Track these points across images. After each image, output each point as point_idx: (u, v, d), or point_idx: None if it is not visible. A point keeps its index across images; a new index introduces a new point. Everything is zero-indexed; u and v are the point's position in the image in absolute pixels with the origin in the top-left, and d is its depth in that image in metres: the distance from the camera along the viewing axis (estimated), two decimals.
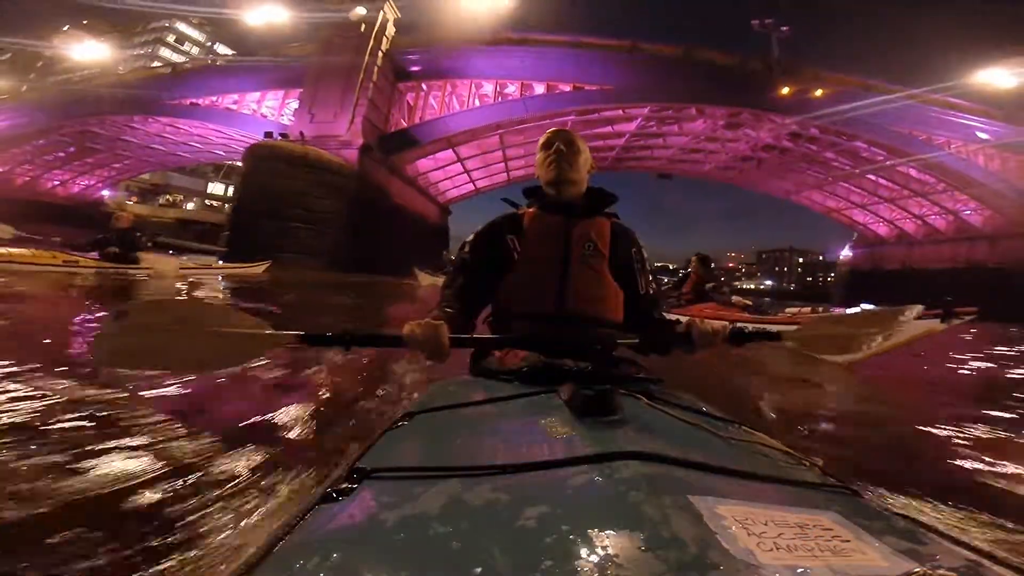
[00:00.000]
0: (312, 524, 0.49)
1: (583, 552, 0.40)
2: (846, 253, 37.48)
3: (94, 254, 7.36)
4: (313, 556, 0.43)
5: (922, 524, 0.54)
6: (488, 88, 20.59)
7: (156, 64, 43.55)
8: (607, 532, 0.42)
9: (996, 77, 25.65)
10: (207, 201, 56.47)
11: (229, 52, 61.09)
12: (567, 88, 19.84)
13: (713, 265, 7.47)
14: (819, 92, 20.59)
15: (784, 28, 24.13)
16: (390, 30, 20.60)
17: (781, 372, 4.34)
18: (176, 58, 56.59)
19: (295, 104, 21.35)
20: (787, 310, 7.75)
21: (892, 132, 22.42)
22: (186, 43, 59.30)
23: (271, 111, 23.05)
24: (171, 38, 58.51)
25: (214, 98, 24.20)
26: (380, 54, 19.53)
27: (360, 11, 20.67)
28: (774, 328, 1.31)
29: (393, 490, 0.54)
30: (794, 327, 1.42)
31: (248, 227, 14.45)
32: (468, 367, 1.25)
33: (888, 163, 24.27)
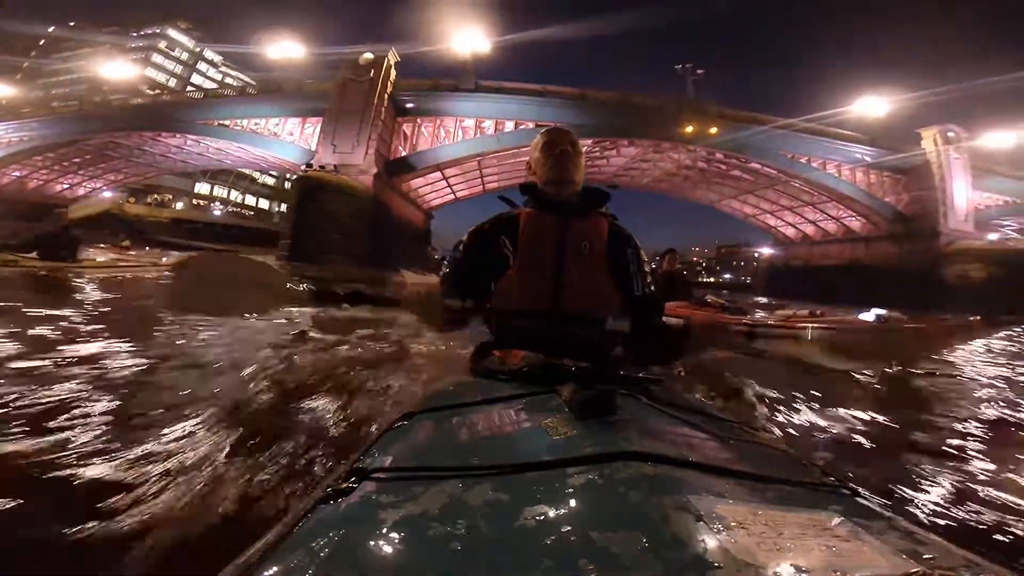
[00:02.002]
0: (312, 524, 0.49)
1: (583, 552, 0.40)
2: (765, 251, 44.71)
3: (33, 254, 7.14)
4: (313, 556, 0.43)
5: (922, 524, 0.59)
6: (470, 123, 26.18)
7: (190, 89, 48.11)
8: (607, 532, 0.42)
9: (869, 106, 31.14)
10: (194, 200, 59.63)
11: (218, 58, 64.76)
12: (531, 125, 25.65)
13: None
14: (714, 130, 26.71)
15: (699, 71, 30.70)
16: (393, 74, 26.00)
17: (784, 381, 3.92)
18: (167, 63, 60.05)
19: (310, 128, 26.48)
20: (777, 312, 7.36)
21: (779, 155, 28.15)
22: (176, 48, 62.01)
23: (290, 135, 27.80)
24: (163, 44, 60.99)
25: (241, 121, 28.76)
26: (386, 96, 24.98)
27: (368, 56, 26.02)
28: (776, 331, 1.53)
29: (393, 490, 0.53)
30: (806, 328, 1.72)
31: (304, 237, 19.97)
32: (468, 367, 1.24)
33: (783, 180, 30.80)
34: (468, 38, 26.82)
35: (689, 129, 26.39)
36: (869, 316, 6.72)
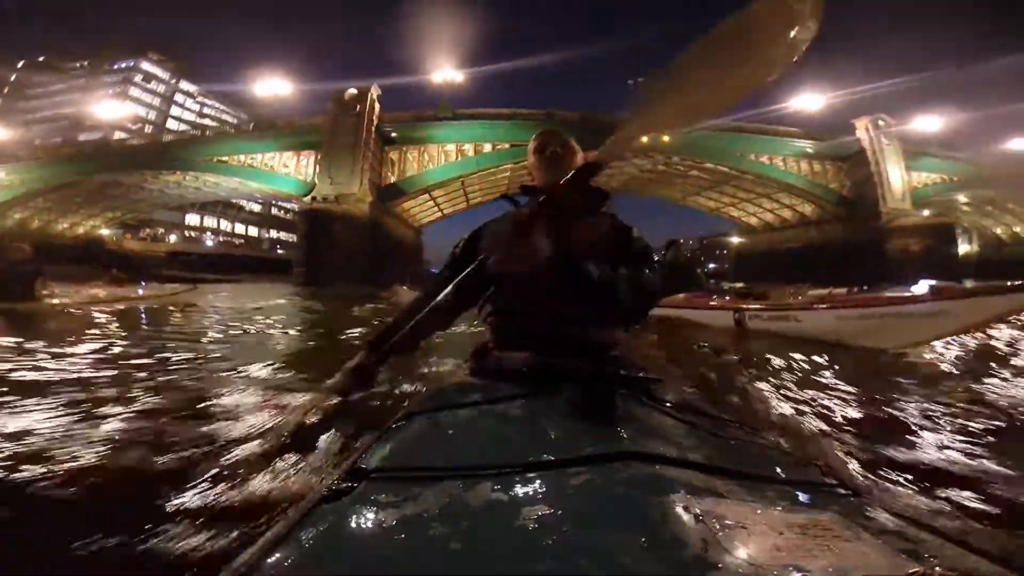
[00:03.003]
0: (312, 524, 0.49)
1: (583, 552, 0.39)
2: (734, 240, 48.09)
3: None
4: (313, 556, 0.43)
5: (922, 524, 0.53)
6: (451, 147, 28.90)
7: (188, 128, 50.03)
8: (607, 532, 0.42)
9: (807, 102, 34.29)
10: (186, 232, 60.01)
11: (194, 88, 66.07)
12: (507, 146, 28.39)
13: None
14: (666, 138, 29.74)
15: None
16: (377, 108, 28.52)
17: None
18: (144, 96, 61.29)
19: (304, 160, 28.89)
20: (811, 292, 7.11)
21: (729, 154, 31.03)
22: (152, 81, 62.99)
23: (285, 167, 29.87)
24: (139, 77, 61.63)
25: (239, 156, 30.76)
26: (372, 129, 27.54)
27: (352, 91, 28.46)
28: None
29: (393, 490, 0.53)
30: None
31: (314, 263, 22.68)
32: (468, 367, 1.24)
33: (735, 176, 33.79)
34: (443, 72, 29.57)
35: (644, 140, 29.22)
36: (921, 288, 6.48)
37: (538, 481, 0.53)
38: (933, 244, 30.61)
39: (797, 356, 4.32)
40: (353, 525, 0.48)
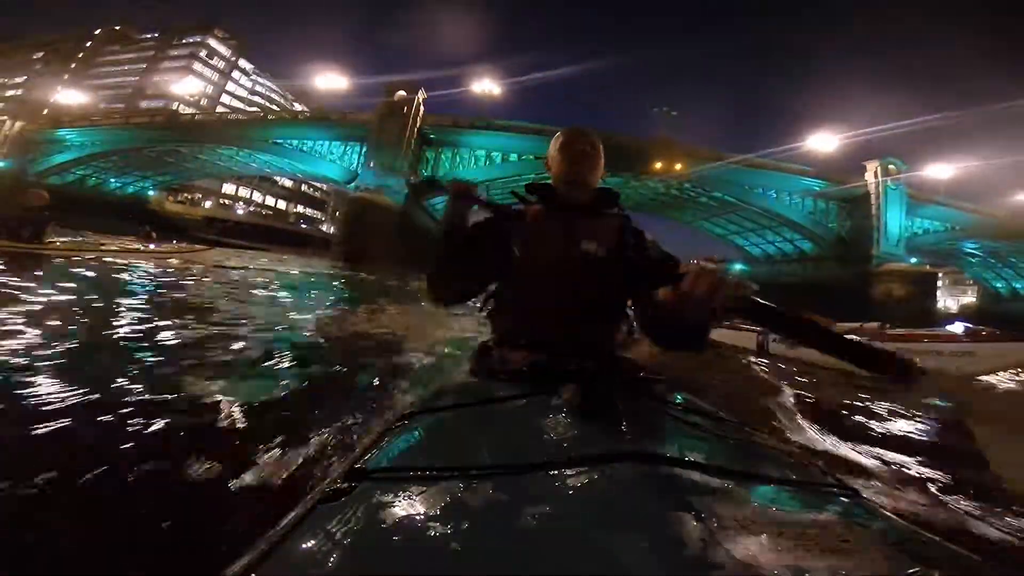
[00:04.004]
0: (312, 524, 0.49)
1: (583, 553, 0.40)
2: (737, 267, 49.58)
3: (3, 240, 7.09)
4: (313, 557, 0.43)
5: (921, 525, 0.53)
6: (481, 153, 32.27)
7: (253, 109, 53.45)
8: (608, 533, 0.42)
9: (820, 142, 36.10)
10: (221, 200, 63.48)
11: (249, 66, 70.33)
12: (532, 157, 31.42)
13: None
14: (679, 166, 32.13)
15: (673, 113, 36.44)
16: (421, 111, 31.93)
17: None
18: (206, 72, 65.58)
19: (350, 150, 32.68)
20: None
21: (736, 186, 33.10)
22: (215, 57, 67.37)
23: (331, 154, 33.60)
24: (203, 53, 65.67)
25: (292, 141, 34.49)
26: (415, 130, 30.97)
27: (401, 93, 32.03)
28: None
29: (393, 490, 0.53)
30: (887, 345, 1.70)
31: (355, 245, 26.26)
32: (469, 367, 1.23)
33: (741, 207, 36.05)
34: (482, 84, 32.93)
35: (659, 165, 32.17)
36: (956, 329, 6.44)
37: (538, 481, 0.54)
38: (915, 291, 32.27)
39: (809, 374, 4.61)
40: (353, 525, 0.47)
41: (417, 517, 0.47)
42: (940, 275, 39.25)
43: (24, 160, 39.46)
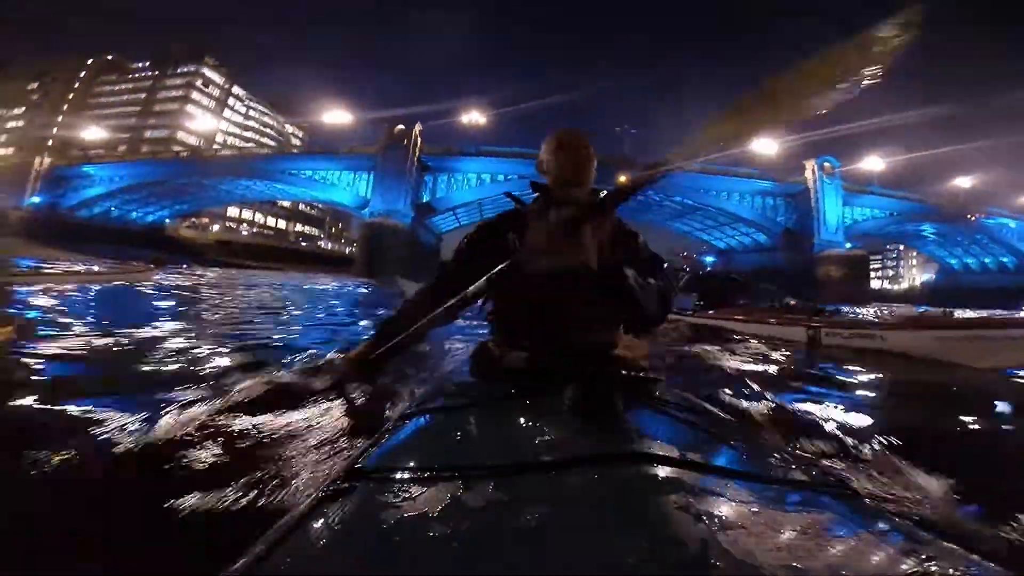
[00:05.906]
0: (312, 524, 0.49)
1: (583, 553, 0.39)
2: (708, 259, 54.25)
3: None
4: (313, 556, 0.43)
5: (921, 525, 0.55)
6: (472, 176, 37.33)
7: (266, 141, 57.57)
8: (607, 533, 0.42)
9: (763, 146, 38.25)
10: (226, 223, 66.31)
11: (242, 92, 73.78)
12: (516, 176, 36.21)
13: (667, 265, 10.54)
14: (623, 179, 36.87)
15: (634, 130, 41.32)
16: (419, 141, 36.80)
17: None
18: (204, 100, 68.99)
19: (356, 176, 37.44)
20: (895, 312, 6.36)
21: (694, 191, 37.78)
22: (210, 86, 70.26)
23: (339, 182, 38.25)
24: (199, 82, 68.45)
25: (305, 172, 38.95)
26: (415, 159, 35.98)
27: (401, 127, 36.97)
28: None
29: (392, 490, 0.53)
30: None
31: (374, 262, 31.11)
32: (468, 367, 1.23)
33: (700, 208, 40.97)
34: (470, 115, 38.17)
35: (622, 179, 37.10)
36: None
37: (538, 481, 0.54)
38: (850, 273, 37.48)
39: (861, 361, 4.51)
40: (353, 525, 0.48)
41: (416, 517, 0.47)
42: (876, 257, 44.08)
43: (55, 195, 42.17)
